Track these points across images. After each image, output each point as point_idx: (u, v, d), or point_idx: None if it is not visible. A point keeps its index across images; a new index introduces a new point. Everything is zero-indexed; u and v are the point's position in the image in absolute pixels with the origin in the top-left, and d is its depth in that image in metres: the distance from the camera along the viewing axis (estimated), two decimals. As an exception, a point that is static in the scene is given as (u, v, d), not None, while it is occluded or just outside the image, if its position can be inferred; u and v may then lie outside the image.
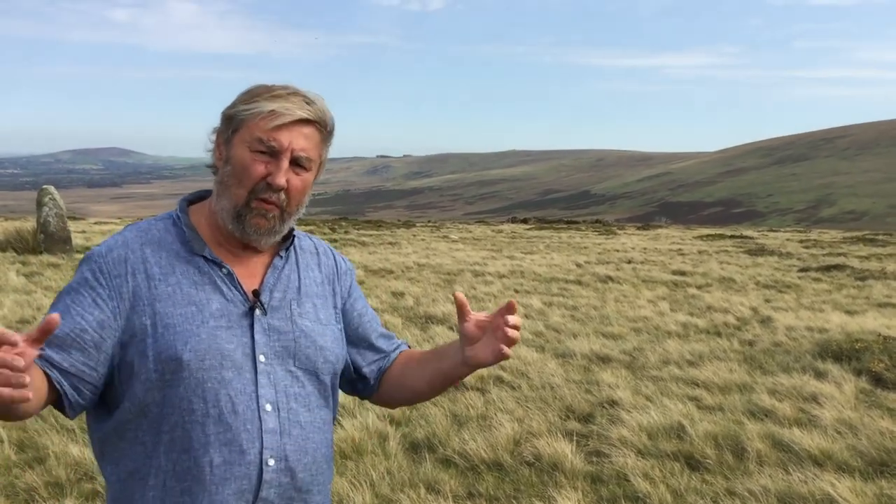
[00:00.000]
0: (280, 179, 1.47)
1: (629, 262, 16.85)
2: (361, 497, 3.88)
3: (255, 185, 1.48)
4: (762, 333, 8.51)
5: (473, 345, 1.50)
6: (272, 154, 1.48)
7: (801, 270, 15.45)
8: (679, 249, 21.14)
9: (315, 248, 1.70)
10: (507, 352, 1.45)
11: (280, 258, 1.60)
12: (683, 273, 14.81)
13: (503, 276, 13.65)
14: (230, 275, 1.52)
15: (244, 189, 1.49)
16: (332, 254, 1.73)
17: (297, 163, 1.50)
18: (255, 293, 1.52)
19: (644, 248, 21.47)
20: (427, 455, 4.56)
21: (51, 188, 14.03)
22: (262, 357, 1.49)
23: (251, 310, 1.51)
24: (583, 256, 18.31)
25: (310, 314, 1.58)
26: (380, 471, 4.25)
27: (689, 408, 5.42)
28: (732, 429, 4.95)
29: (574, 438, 4.81)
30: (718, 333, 8.58)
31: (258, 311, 1.51)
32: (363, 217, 65.08)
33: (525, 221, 42.22)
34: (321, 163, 1.57)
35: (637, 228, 35.65)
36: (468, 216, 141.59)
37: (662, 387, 6.14)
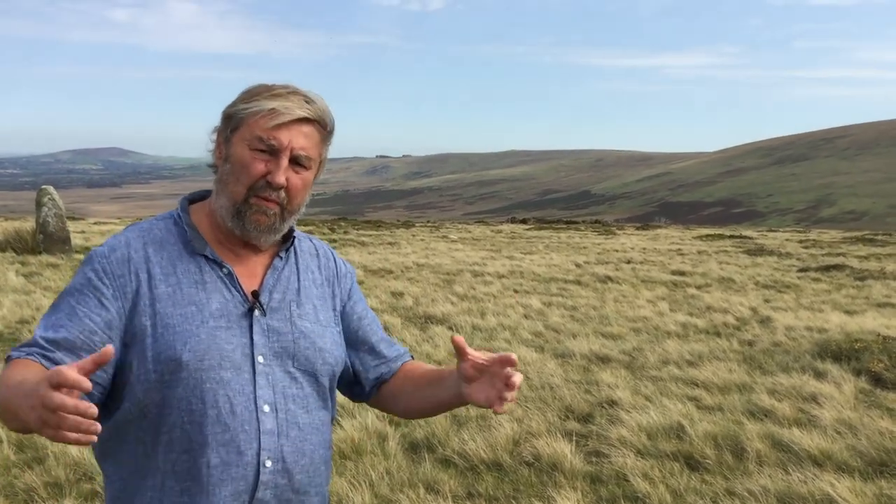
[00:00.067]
0: (280, 178, 1.47)
1: (628, 263, 16.85)
2: (361, 497, 3.88)
3: (255, 183, 1.48)
4: (761, 333, 8.51)
5: (470, 384, 1.47)
6: (272, 152, 1.47)
7: (801, 270, 15.45)
8: (678, 249, 21.14)
9: (315, 250, 1.69)
10: (501, 410, 1.42)
11: (280, 259, 1.59)
12: (683, 273, 14.81)
13: (502, 277, 13.65)
14: (230, 275, 1.52)
15: (243, 186, 1.48)
16: (332, 256, 1.72)
17: (297, 161, 1.50)
18: (255, 294, 1.52)
19: (643, 249, 21.47)
20: (426, 455, 4.56)
21: (50, 188, 14.03)
22: (261, 358, 1.49)
23: (250, 311, 1.51)
24: (582, 256, 18.31)
25: (309, 315, 1.58)
26: (379, 471, 4.25)
27: (689, 408, 5.42)
28: (732, 429, 4.95)
29: (573, 438, 4.81)
30: (718, 333, 8.58)
31: (257, 312, 1.51)
32: (362, 217, 65.08)
33: (524, 221, 42.23)
34: (321, 162, 1.57)
35: (636, 228, 35.66)
36: (467, 216, 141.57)
37: (662, 387, 6.13)
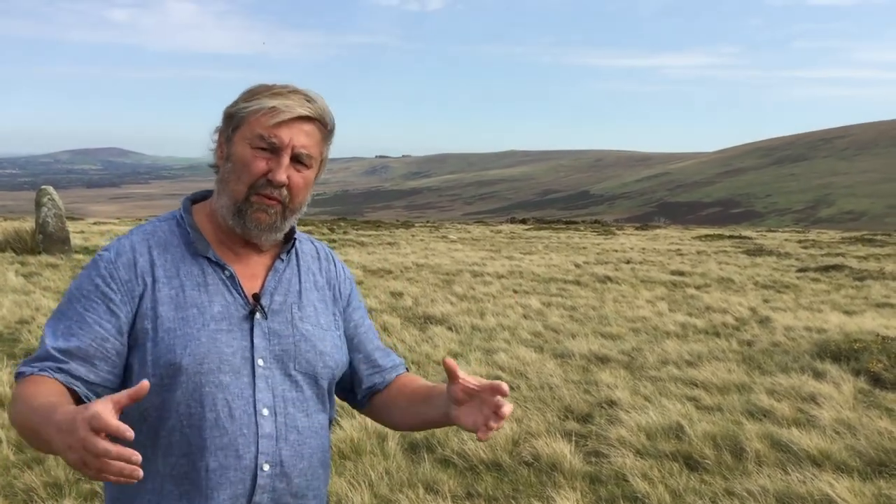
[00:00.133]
0: (281, 176, 1.47)
1: (628, 263, 16.85)
2: (360, 497, 3.88)
3: (256, 181, 1.48)
4: (761, 334, 8.51)
5: (459, 407, 1.47)
6: (273, 150, 1.47)
7: (800, 271, 15.46)
8: (678, 250, 21.15)
9: (316, 252, 1.69)
10: (486, 437, 1.41)
11: (281, 261, 1.59)
12: (682, 273, 14.81)
13: (502, 277, 13.65)
14: (232, 277, 1.52)
15: (244, 185, 1.48)
16: (334, 259, 1.72)
17: (298, 159, 1.49)
18: (256, 297, 1.52)
19: (643, 249, 21.48)
20: (426, 455, 4.56)
21: (49, 188, 14.03)
22: (261, 361, 1.49)
23: (251, 313, 1.50)
24: (581, 257, 18.31)
25: (311, 318, 1.57)
26: (378, 471, 4.25)
27: (688, 408, 5.42)
28: (731, 429, 4.96)
29: (573, 438, 4.82)
30: (717, 334, 8.59)
31: (258, 315, 1.51)
32: (362, 217, 65.03)
33: (524, 222, 42.24)
34: (322, 161, 1.56)
35: (636, 229, 35.68)
36: (467, 216, 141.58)
37: (661, 387, 6.14)
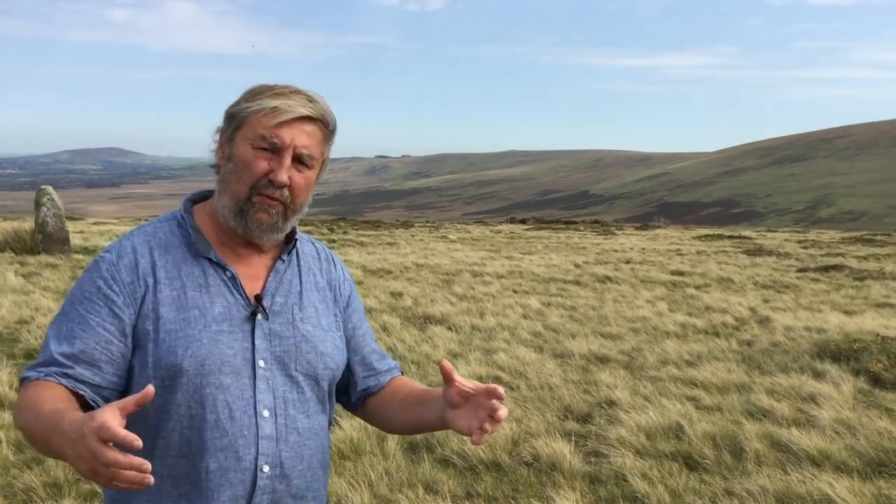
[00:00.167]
0: (282, 176, 1.47)
1: (627, 263, 16.85)
2: (360, 497, 3.88)
3: (257, 181, 1.48)
4: (760, 334, 8.51)
5: (454, 410, 1.47)
6: (274, 151, 1.47)
7: (800, 271, 15.46)
8: (677, 250, 21.15)
9: (317, 253, 1.69)
10: (479, 440, 1.41)
11: (282, 262, 1.59)
12: (682, 273, 14.81)
13: (501, 277, 13.65)
14: (233, 278, 1.52)
15: (245, 185, 1.48)
16: (334, 259, 1.72)
17: (300, 160, 1.49)
18: (258, 298, 1.52)
19: (642, 249, 21.48)
20: (425, 455, 4.56)
21: (49, 188, 14.03)
22: (262, 362, 1.49)
23: (253, 314, 1.50)
24: (581, 257, 18.32)
25: (311, 319, 1.57)
26: (378, 471, 4.25)
27: (688, 408, 5.42)
28: (731, 429, 4.96)
29: (572, 438, 4.82)
30: (717, 334, 8.59)
31: (260, 316, 1.51)
32: (362, 217, 65.00)
33: (523, 222, 42.24)
34: (324, 161, 1.56)
35: (635, 229, 35.68)
36: (467, 216, 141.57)
37: (661, 387, 6.14)
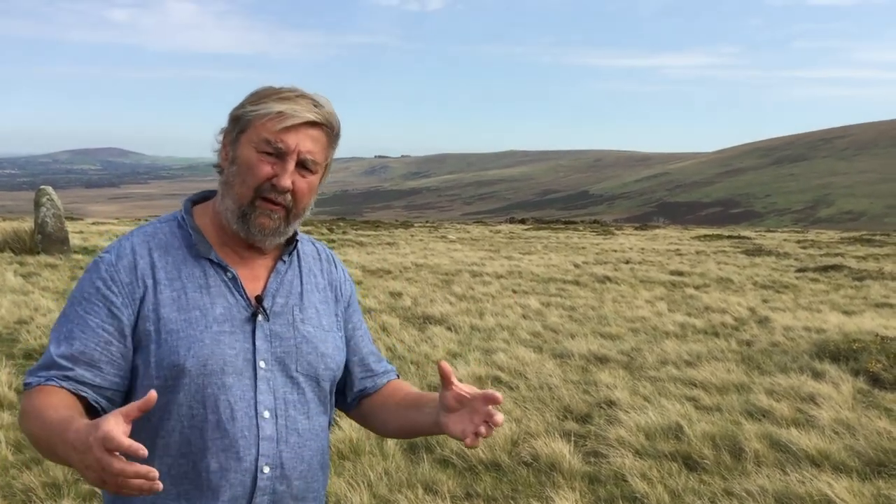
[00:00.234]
0: (286, 181, 1.47)
1: (627, 263, 16.86)
2: (359, 497, 3.88)
3: (260, 185, 1.47)
4: (760, 334, 8.52)
5: (449, 414, 1.46)
6: (279, 155, 1.47)
7: (799, 271, 15.47)
8: (677, 250, 21.16)
9: (318, 254, 1.69)
10: (473, 444, 1.41)
11: (283, 263, 1.59)
12: (681, 273, 14.82)
13: (501, 277, 13.65)
14: (234, 279, 1.52)
15: (248, 188, 1.48)
16: (334, 260, 1.72)
17: (304, 165, 1.49)
18: (258, 299, 1.52)
19: (642, 249, 21.49)
20: (425, 455, 4.56)
21: (48, 188, 14.03)
22: (263, 363, 1.49)
23: (254, 315, 1.50)
24: (581, 257, 18.32)
25: (312, 320, 1.57)
26: (378, 471, 4.25)
27: (687, 408, 5.42)
28: (730, 429, 4.96)
29: (572, 439, 4.82)
30: (716, 334, 8.59)
31: (260, 317, 1.51)
32: (361, 217, 64.98)
33: (523, 222, 42.26)
34: (327, 165, 1.56)
35: (635, 229, 35.69)
36: (466, 216, 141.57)
37: (660, 387, 6.14)
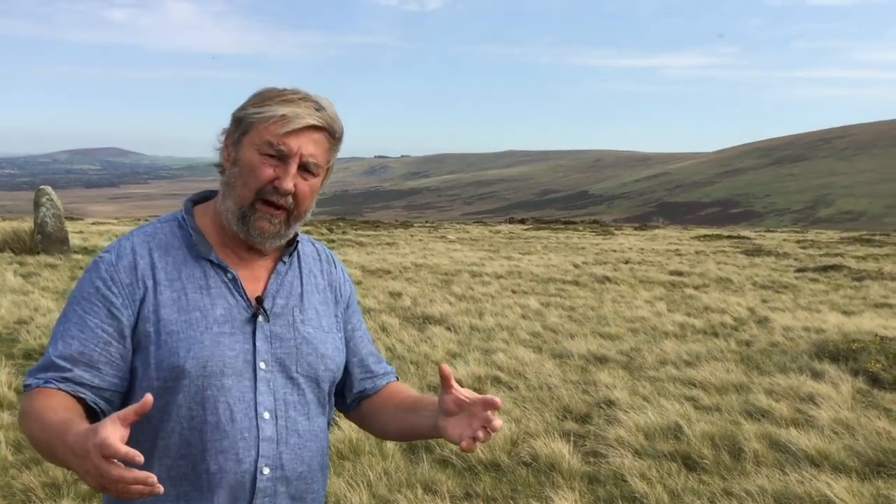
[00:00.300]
0: (288, 184, 1.47)
1: (626, 263, 16.86)
2: (359, 497, 3.88)
3: (262, 188, 1.47)
4: (759, 334, 8.52)
5: (448, 417, 1.46)
6: (281, 158, 1.47)
7: (798, 271, 15.47)
8: (676, 250, 21.16)
9: (318, 255, 1.69)
10: (470, 448, 1.41)
11: (283, 264, 1.59)
12: (681, 273, 14.82)
13: (500, 277, 13.65)
14: (234, 280, 1.52)
15: (250, 190, 1.48)
16: (334, 261, 1.72)
17: (306, 168, 1.49)
18: (259, 300, 1.52)
19: (641, 249, 21.49)
20: (424, 455, 4.56)
21: (48, 188, 14.03)
22: (263, 364, 1.49)
23: (254, 316, 1.50)
24: (580, 257, 18.33)
25: (312, 321, 1.57)
26: (377, 471, 4.25)
27: (686, 408, 5.43)
28: (729, 429, 4.96)
29: (571, 439, 4.82)
30: (715, 334, 8.60)
31: (261, 318, 1.51)
32: (361, 217, 64.93)
33: (523, 222, 42.25)
34: (329, 168, 1.56)
35: (634, 229, 35.70)
36: (466, 216, 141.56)
37: (659, 387, 6.14)
